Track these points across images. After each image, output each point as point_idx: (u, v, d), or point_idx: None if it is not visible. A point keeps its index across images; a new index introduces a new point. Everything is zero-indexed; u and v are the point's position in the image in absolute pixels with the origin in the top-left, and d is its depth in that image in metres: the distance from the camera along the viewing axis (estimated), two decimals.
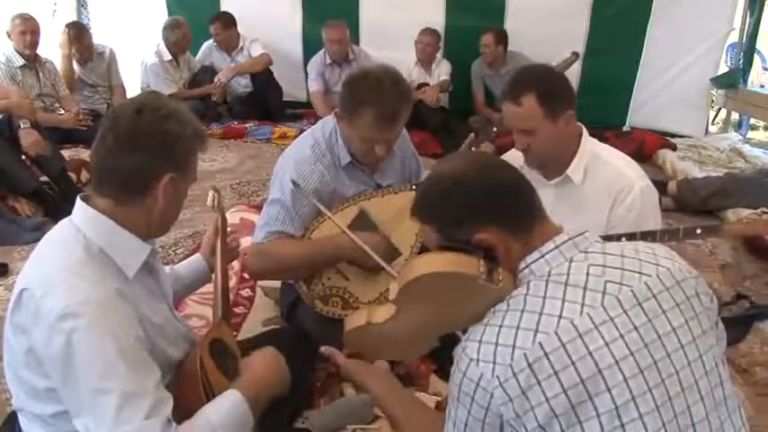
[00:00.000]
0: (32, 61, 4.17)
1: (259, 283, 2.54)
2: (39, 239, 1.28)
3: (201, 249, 1.74)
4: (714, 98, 5.68)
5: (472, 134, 2.12)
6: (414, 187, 2.06)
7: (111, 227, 1.22)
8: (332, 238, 1.94)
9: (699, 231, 1.85)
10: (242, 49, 5.31)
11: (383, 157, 1.99)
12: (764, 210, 3.20)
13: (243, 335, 2.15)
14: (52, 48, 4.59)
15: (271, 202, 1.98)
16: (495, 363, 0.95)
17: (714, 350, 1.02)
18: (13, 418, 1.34)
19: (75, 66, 4.70)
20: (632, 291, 0.99)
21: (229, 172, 4.24)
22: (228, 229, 1.77)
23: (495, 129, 2.07)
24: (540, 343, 0.93)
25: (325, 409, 1.85)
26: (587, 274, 1.00)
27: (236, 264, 2.64)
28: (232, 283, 2.55)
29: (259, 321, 2.36)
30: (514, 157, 1.96)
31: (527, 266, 1.04)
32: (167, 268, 1.62)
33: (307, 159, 1.97)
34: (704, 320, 1.02)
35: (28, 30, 4.06)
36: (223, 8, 5.42)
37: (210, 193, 1.78)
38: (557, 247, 1.04)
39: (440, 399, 1.87)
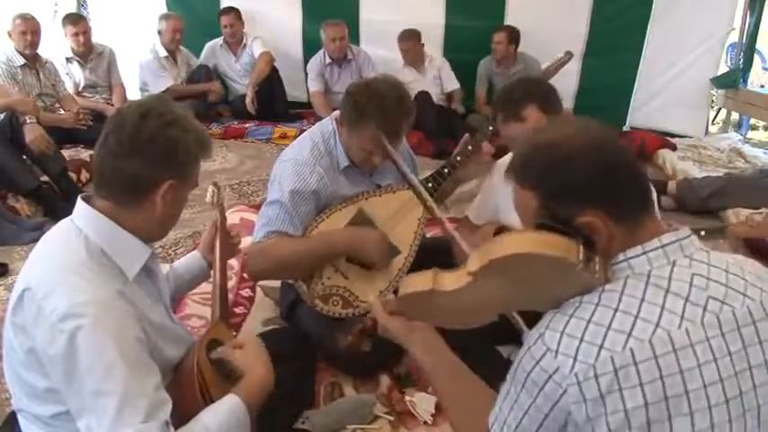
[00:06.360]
0: (33, 61, 4.16)
1: (259, 282, 2.54)
2: (38, 239, 1.28)
3: (200, 247, 1.73)
4: (714, 98, 5.68)
5: (467, 135, 2.11)
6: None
7: (112, 228, 1.22)
8: (327, 234, 1.94)
9: (702, 234, 1.84)
10: (245, 45, 5.29)
11: (380, 165, 2.02)
12: (765, 209, 3.20)
13: (243, 335, 2.14)
14: (53, 48, 4.59)
15: (270, 203, 1.99)
16: (576, 359, 0.90)
17: None
18: (12, 418, 1.33)
19: (77, 66, 4.70)
20: (734, 312, 0.94)
21: (229, 172, 4.24)
22: (229, 227, 1.77)
23: (491, 127, 2.04)
24: (631, 349, 0.88)
25: (326, 409, 1.85)
26: (691, 284, 0.94)
27: (236, 264, 2.64)
28: (232, 283, 2.55)
29: (259, 321, 2.36)
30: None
31: (626, 260, 0.96)
32: (165, 266, 1.61)
33: (306, 162, 1.98)
34: None
35: (28, 30, 4.06)
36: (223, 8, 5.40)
37: (210, 189, 1.77)
38: (662, 246, 0.96)
39: None
